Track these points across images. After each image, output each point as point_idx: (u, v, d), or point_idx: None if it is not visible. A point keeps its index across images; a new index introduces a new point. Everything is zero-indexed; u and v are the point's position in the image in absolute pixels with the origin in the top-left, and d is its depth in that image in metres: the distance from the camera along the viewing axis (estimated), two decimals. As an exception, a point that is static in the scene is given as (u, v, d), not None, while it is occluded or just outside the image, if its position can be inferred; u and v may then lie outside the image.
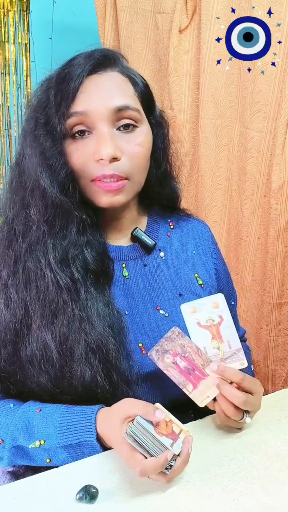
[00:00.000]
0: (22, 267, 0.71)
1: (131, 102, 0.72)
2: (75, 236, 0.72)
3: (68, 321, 0.70)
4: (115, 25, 1.57)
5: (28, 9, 1.70)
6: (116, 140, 0.71)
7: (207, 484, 0.64)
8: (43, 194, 0.70)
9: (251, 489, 0.64)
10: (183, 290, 0.83)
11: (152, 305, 0.80)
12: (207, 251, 0.89)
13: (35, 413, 0.70)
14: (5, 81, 1.73)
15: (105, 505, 0.61)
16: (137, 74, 0.77)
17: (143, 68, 1.57)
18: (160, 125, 0.81)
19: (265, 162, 1.46)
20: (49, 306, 0.70)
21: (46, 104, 0.71)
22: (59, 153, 0.70)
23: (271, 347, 1.58)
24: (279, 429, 0.77)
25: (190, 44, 1.49)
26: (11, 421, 0.70)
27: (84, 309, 0.70)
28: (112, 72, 0.73)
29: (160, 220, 0.88)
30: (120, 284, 0.79)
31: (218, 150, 1.54)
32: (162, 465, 0.59)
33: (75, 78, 0.70)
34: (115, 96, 0.71)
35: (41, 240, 0.71)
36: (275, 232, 1.47)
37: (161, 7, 1.49)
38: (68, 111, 0.69)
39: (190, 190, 1.64)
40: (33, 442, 0.68)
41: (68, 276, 0.71)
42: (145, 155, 0.75)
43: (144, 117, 0.75)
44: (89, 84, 0.70)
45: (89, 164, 0.71)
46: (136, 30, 1.55)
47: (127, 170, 0.72)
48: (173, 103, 1.52)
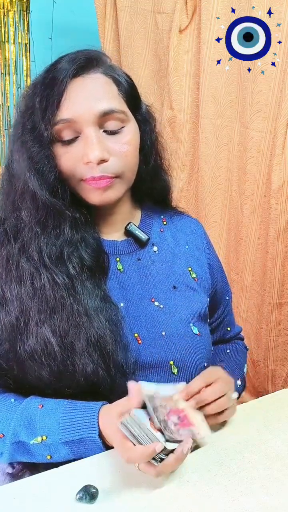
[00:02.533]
0: (16, 267, 0.72)
1: (116, 105, 0.73)
2: (68, 234, 0.73)
3: (67, 316, 0.70)
4: (115, 25, 1.57)
5: (28, 9, 1.71)
6: (104, 142, 0.72)
7: (207, 484, 0.64)
8: (33, 197, 0.71)
9: (251, 489, 0.64)
10: (177, 283, 0.84)
11: (147, 297, 0.81)
12: (200, 246, 0.91)
13: (37, 409, 0.70)
14: (5, 81, 1.73)
15: (105, 505, 0.61)
16: (121, 73, 0.78)
17: (143, 68, 1.58)
18: (146, 121, 0.82)
19: (265, 162, 1.46)
20: (46, 303, 0.71)
21: (32, 110, 0.72)
22: (47, 158, 0.72)
23: (271, 347, 1.58)
24: (279, 429, 0.77)
25: (190, 44, 1.49)
26: (13, 416, 0.71)
27: (82, 303, 0.71)
28: (95, 74, 0.73)
29: (154, 215, 0.90)
30: (115, 277, 0.80)
31: (218, 150, 1.54)
32: (149, 455, 0.60)
33: (59, 83, 0.70)
34: (99, 101, 0.71)
35: (34, 240, 0.72)
36: (275, 232, 1.47)
37: (161, 7, 1.49)
38: (54, 118, 0.71)
39: (190, 190, 1.64)
40: (35, 438, 0.68)
41: (64, 273, 0.72)
42: (133, 153, 0.76)
43: (130, 115, 0.76)
44: (73, 89, 0.71)
45: (78, 166, 0.73)
46: (136, 30, 1.55)
47: (116, 169, 0.74)
48: (173, 103, 1.52)
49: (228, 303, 0.97)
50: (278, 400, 0.87)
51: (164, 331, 0.79)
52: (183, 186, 1.63)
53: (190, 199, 1.64)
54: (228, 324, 0.99)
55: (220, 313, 0.95)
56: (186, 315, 0.82)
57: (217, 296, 0.93)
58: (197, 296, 0.85)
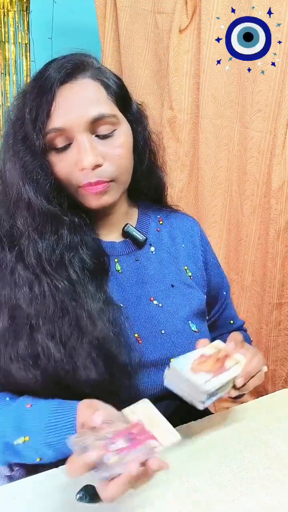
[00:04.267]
0: (10, 273, 0.71)
1: (106, 110, 0.72)
2: (67, 238, 0.73)
3: (69, 321, 0.70)
4: (115, 25, 1.57)
5: (28, 9, 1.71)
6: (96, 147, 0.72)
7: (207, 484, 0.64)
8: (28, 206, 0.71)
9: (251, 489, 0.64)
10: (175, 281, 0.85)
11: (146, 296, 0.81)
12: (196, 244, 0.91)
13: (26, 408, 0.69)
14: (5, 81, 1.73)
15: (105, 505, 0.61)
16: (109, 74, 0.77)
17: (143, 68, 1.57)
18: (138, 121, 0.81)
19: (265, 162, 1.46)
20: (47, 308, 0.70)
21: (23, 121, 0.72)
22: (41, 166, 0.72)
23: (271, 347, 1.58)
24: (279, 429, 0.77)
25: (190, 44, 1.49)
26: (5, 415, 0.69)
27: (85, 307, 0.71)
28: (83, 79, 0.73)
29: (150, 214, 0.90)
30: (114, 279, 0.80)
31: (218, 150, 1.54)
32: (83, 466, 0.54)
33: (48, 92, 0.70)
34: (89, 107, 0.71)
35: (32, 247, 0.71)
36: (275, 232, 1.47)
37: (161, 7, 1.49)
38: (45, 127, 0.70)
39: (190, 190, 1.64)
40: (18, 438, 0.66)
41: (65, 278, 0.71)
42: (127, 155, 0.76)
43: (121, 117, 0.76)
44: (62, 97, 0.71)
45: (73, 173, 0.73)
46: (136, 30, 1.55)
47: (111, 173, 0.74)
48: (173, 103, 1.52)
49: (226, 297, 0.98)
50: (278, 400, 0.87)
51: (163, 329, 0.79)
52: (183, 186, 1.63)
53: (190, 199, 1.64)
54: (230, 317, 1.00)
55: (218, 308, 0.97)
56: (185, 312, 0.82)
57: (213, 291, 0.93)
58: (194, 293, 0.86)
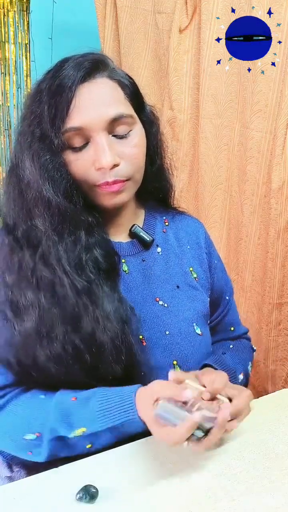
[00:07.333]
0: (31, 274, 0.72)
1: (124, 110, 0.73)
2: (85, 240, 0.73)
3: (91, 322, 0.71)
4: (115, 25, 1.57)
5: (28, 9, 1.71)
6: (114, 147, 0.72)
7: (207, 484, 0.64)
8: (48, 205, 0.71)
9: (251, 489, 0.64)
10: (180, 283, 0.85)
11: (151, 297, 0.81)
12: (201, 246, 0.91)
13: (72, 401, 0.70)
14: (5, 81, 1.73)
15: (105, 505, 0.61)
16: (124, 75, 0.77)
17: (143, 68, 1.57)
18: (151, 122, 0.82)
19: (265, 162, 1.46)
20: (71, 309, 0.71)
21: (40, 119, 0.72)
22: (59, 165, 0.72)
23: (271, 347, 1.57)
24: (279, 429, 0.77)
25: (190, 44, 1.48)
26: (47, 413, 0.70)
27: (103, 307, 0.72)
28: (101, 78, 0.73)
29: (157, 216, 0.90)
30: (121, 279, 0.80)
31: (218, 150, 1.54)
32: (187, 431, 0.61)
33: (67, 90, 0.70)
34: (108, 107, 0.71)
35: (53, 248, 0.72)
36: (275, 232, 1.47)
37: (161, 7, 1.49)
38: (63, 126, 0.70)
39: (190, 190, 1.64)
40: (75, 430, 0.68)
41: (84, 279, 0.72)
42: (142, 155, 0.77)
43: (136, 118, 0.76)
44: (81, 96, 0.71)
45: (90, 172, 0.73)
46: (136, 30, 1.54)
47: (128, 173, 0.75)
48: (173, 103, 1.52)
49: (228, 302, 0.97)
50: (278, 400, 0.87)
51: (168, 330, 0.79)
52: (183, 186, 1.63)
53: (190, 199, 1.64)
54: (231, 323, 0.99)
55: (219, 312, 0.96)
56: (190, 314, 0.83)
57: (215, 294, 0.93)
58: (199, 295, 0.86)
